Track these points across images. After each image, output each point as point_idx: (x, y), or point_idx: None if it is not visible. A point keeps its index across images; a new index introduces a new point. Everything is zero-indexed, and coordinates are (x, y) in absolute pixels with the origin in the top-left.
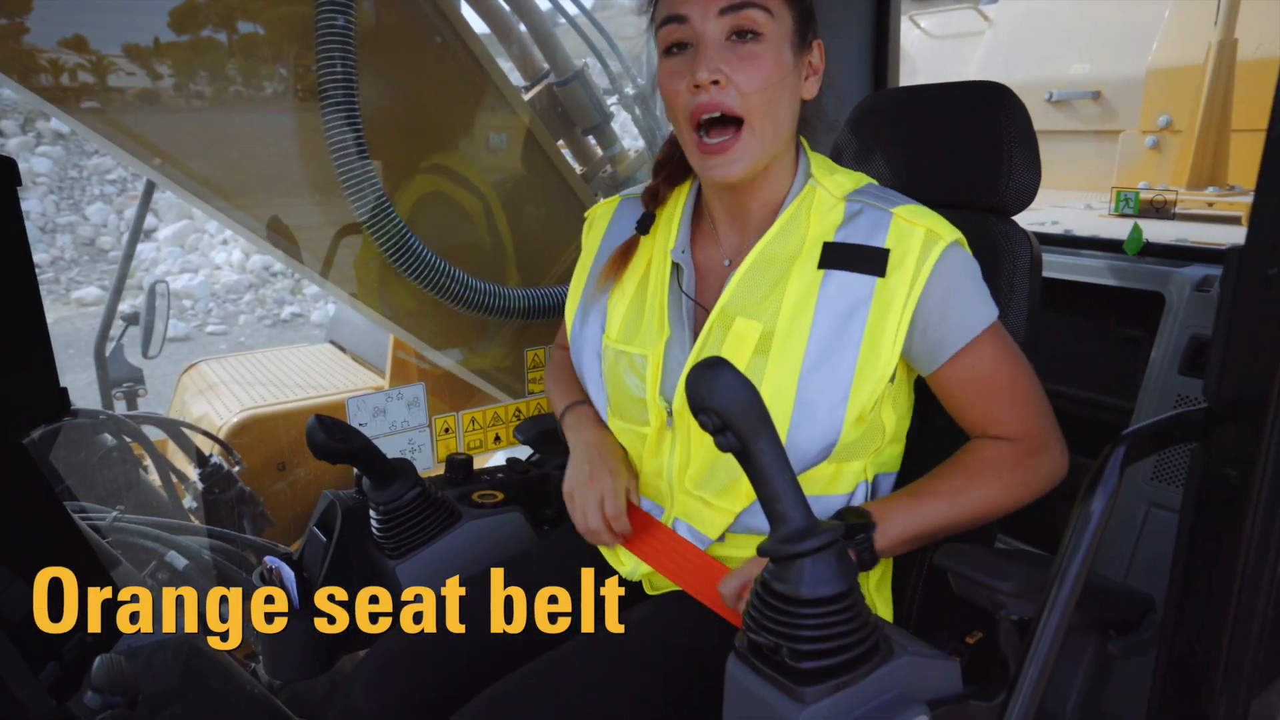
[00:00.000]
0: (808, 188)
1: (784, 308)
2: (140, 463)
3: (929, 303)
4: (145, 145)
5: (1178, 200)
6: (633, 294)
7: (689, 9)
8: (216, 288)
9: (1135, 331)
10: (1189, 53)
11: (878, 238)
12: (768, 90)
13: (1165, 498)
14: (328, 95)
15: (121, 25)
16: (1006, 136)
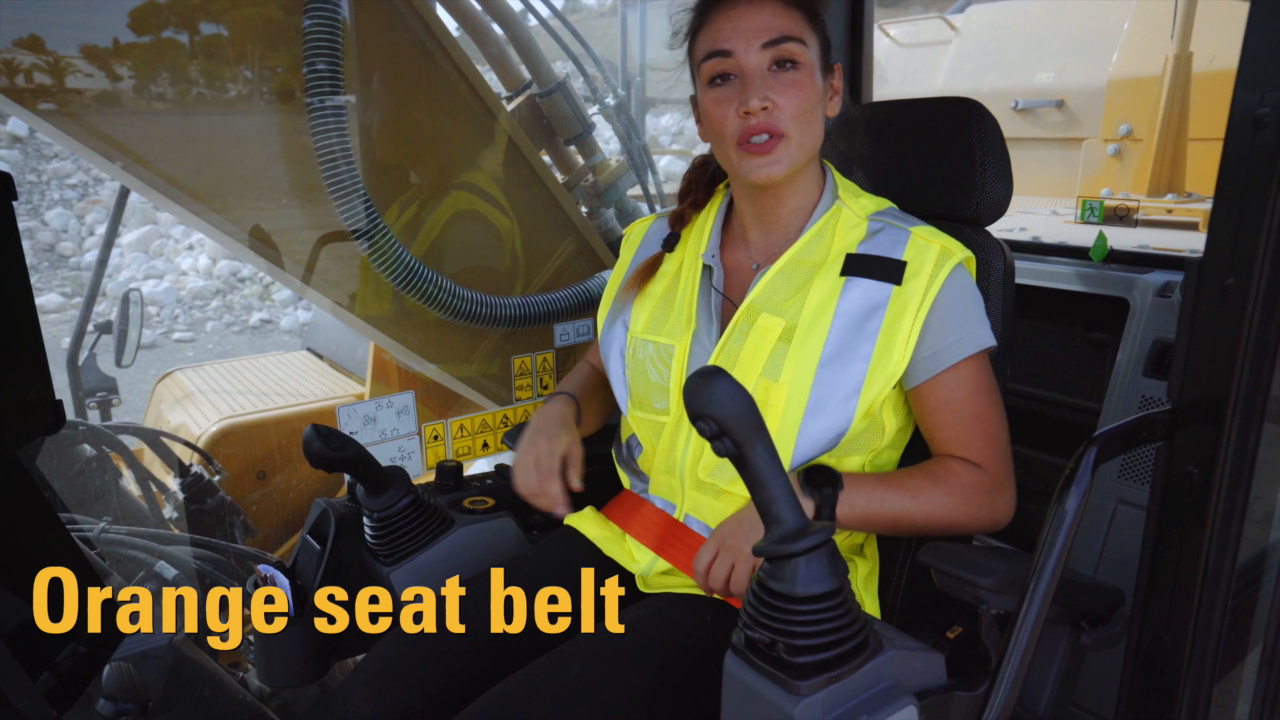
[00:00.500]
0: (835, 206)
1: (807, 307)
2: (119, 473)
3: (937, 313)
4: (115, 145)
5: (1139, 207)
6: (661, 294)
7: (734, 44)
8: (183, 294)
9: (1102, 335)
10: (1147, 64)
11: (897, 251)
12: (805, 109)
13: (1132, 495)
14: (315, 96)
15: (88, 25)
16: (979, 150)
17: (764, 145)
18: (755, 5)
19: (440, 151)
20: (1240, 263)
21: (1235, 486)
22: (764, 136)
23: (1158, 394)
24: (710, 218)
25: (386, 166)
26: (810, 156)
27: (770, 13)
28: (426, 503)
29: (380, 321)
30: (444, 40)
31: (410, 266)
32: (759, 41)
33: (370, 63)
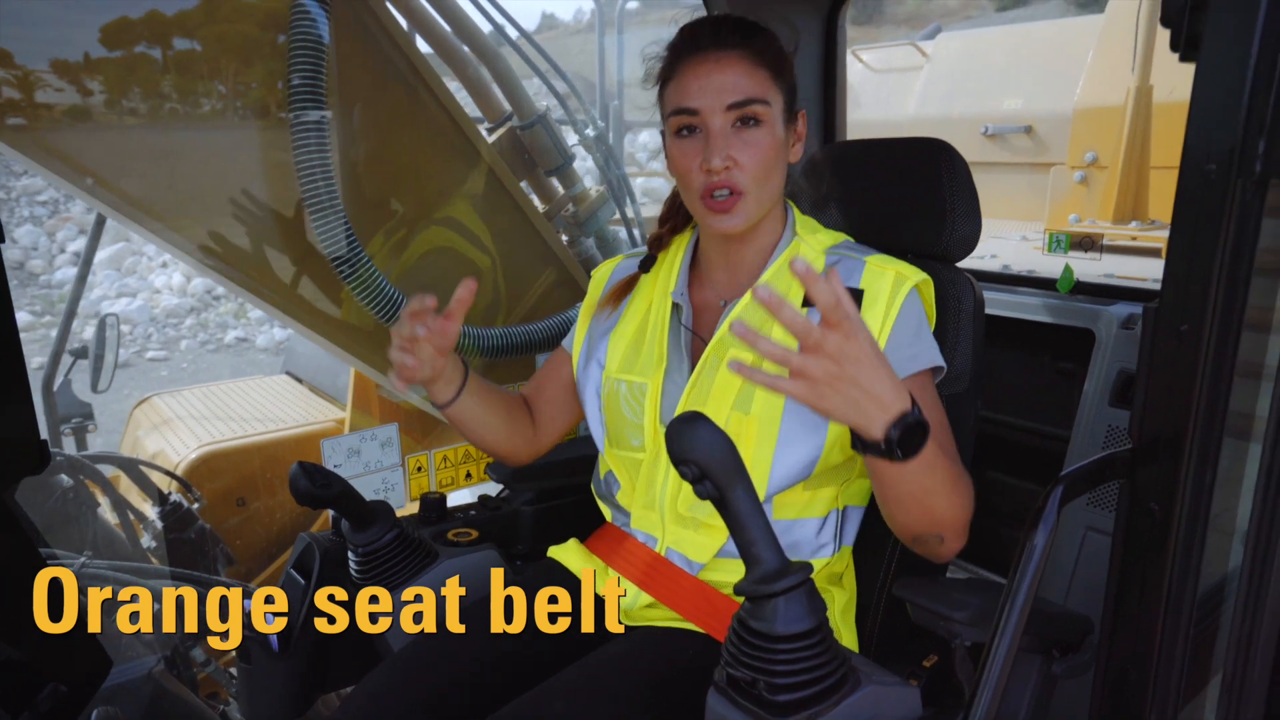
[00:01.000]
0: (794, 243)
1: (774, 340)
2: (96, 503)
3: (896, 334)
4: (75, 165)
5: (1104, 235)
6: (633, 332)
7: (700, 104)
8: (156, 312)
9: (1069, 365)
10: (1111, 94)
11: (853, 281)
12: (765, 167)
13: (1099, 522)
14: (296, 110)
15: (53, 40)
16: (948, 190)
17: (725, 202)
18: (723, 64)
19: (420, 183)
20: (1193, 310)
21: (1194, 521)
22: (725, 193)
23: (1124, 424)
24: (678, 256)
25: (365, 197)
26: (771, 207)
27: (738, 73)
28: (411, 536)
29: (360, 350)
30: (424, 72)
31: (389, 295)
32: (724, 103)
33: (349, 93)
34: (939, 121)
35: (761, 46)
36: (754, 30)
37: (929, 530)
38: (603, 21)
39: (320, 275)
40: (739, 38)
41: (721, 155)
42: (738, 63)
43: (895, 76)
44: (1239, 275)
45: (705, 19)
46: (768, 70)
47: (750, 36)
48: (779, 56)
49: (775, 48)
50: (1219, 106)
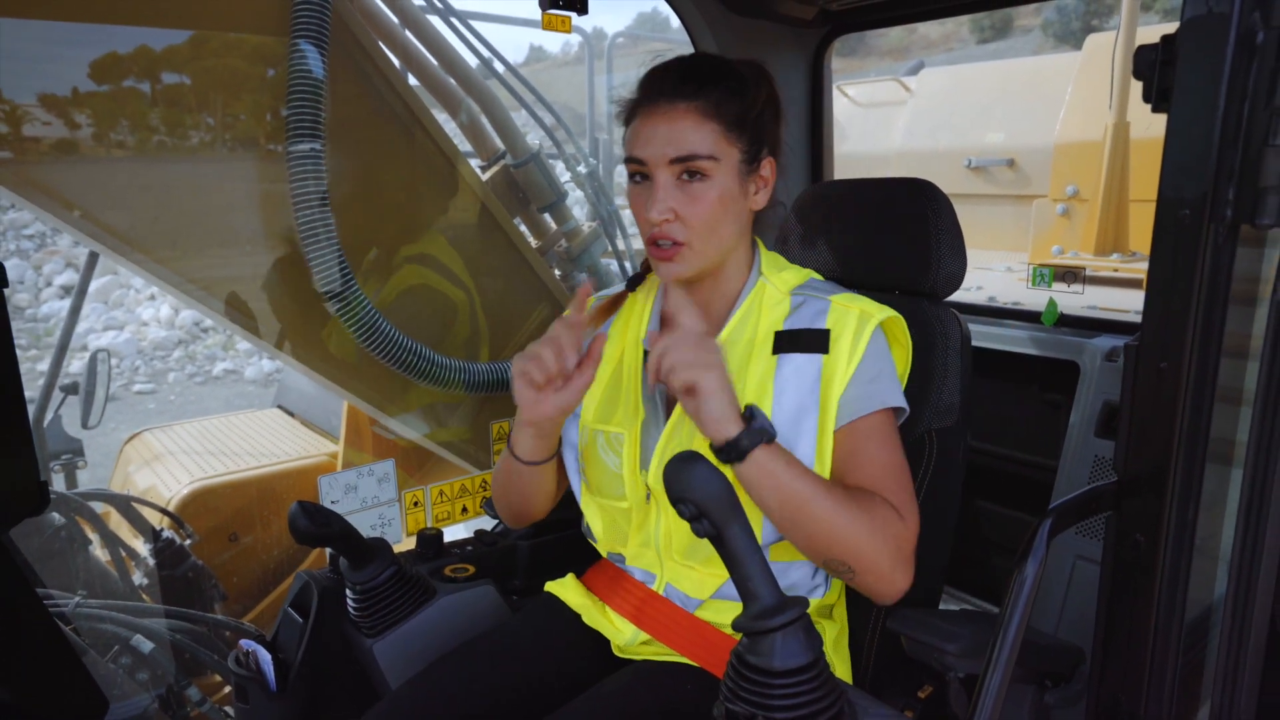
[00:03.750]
0: (759, 284)
1: (747, 389)
2: (89, 540)
3: (861, 372)
4: (60, 200)
5: (1087, 267)
6: (607, 381)
7: (647, 154)
8: (144, 345)
9: (1055, 396)
10: (1090, 129)
11: (820, 321)
12: (710, 220)
13: (1089, 550)
14: (294, 144)
15: (41, 74)
16: (934, 229)
17: (668, 250)
18: (672, 117)
19: (411, 219)
20: (1171, 348)
21: (1179, 551)
22: (667, 242)
23: (1109, 454)
24: (649, 302)
25: (356, 232)
26: (721, 256)
27: (687, 126)
28: (408, 573)
29: (349, 382)
30: (417, 111)
31: (387, 334)
32: (669, 155)
33: (342, 129)
34: (924, 155)
35: (719, 99)
36: (717, 78)
37: (828, 556)
38: (591, 55)
39: (308, 308)
40: (694, 88)
41: (662, 208)
42: (686, 116)
43: (880, 111)
44: (1215, 315)
45: (671, 64)
46: (720, 124)
47: (707, 86)
48: (738, 108)
49: (737, 99)
50: (1190, 156)
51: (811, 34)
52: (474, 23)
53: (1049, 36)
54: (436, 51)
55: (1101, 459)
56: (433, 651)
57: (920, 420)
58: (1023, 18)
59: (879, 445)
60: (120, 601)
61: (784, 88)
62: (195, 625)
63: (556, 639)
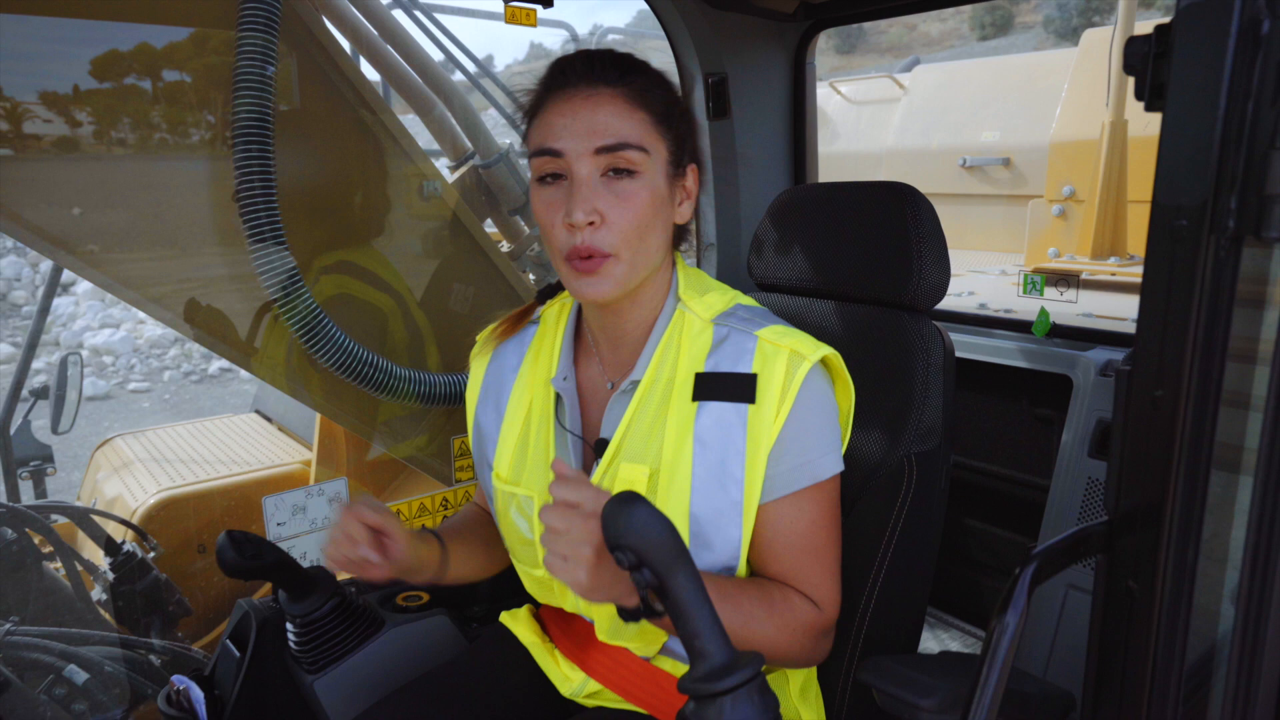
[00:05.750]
0: (678, 313)
1: (666, 445)
2: (42, 555)
3: (790, 428)
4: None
5: (1082, 271)
6: (519, 431)
7: (564, 144)
8: (139, 343)
9: (1047, 411)
10: (1086, 128)
11: (744, 363)
12: (641, 225)
13: (1081, 579)
14: (242, 148)
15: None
16: (915, 236)
17: (591, 263)
18: (595, 101)
19: (358, 223)
20: (1168, 374)
21: (1177, 598)
22: (590, 254)
23: (1103, 475)
24: (559, 332)
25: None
26: (650, 271)
27: (610, 112)
28: (354, 603)
29: (308, 390)
30: (376, 107)
31: (337, 341)
32: (592, 145)
33: (296, 129)
34: (917, 153)
35: (644, 86)
36: (636, 67)
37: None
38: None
39: (260, 314)
40: (617, 74)
41: (587, 208)
42: (612, 101)
43: (873, 108)
44: (1216, 337)
45: (583, 52)
46: (648, 113)
47: (629, 73)
48: (665, 100)
49: (661, 90)
50: (1188, 160)
51: (793, 28)
52: (449, 19)
53: (1050, 33)
54: (401, 47)
55: (1095, 481)
56: (379, 689)
57: (899, 445)
58: (1024, 15)
59: (805, 524)
60: (56, 629)
61: (765, 86)
62: (135, 652)
63: (510, 677)
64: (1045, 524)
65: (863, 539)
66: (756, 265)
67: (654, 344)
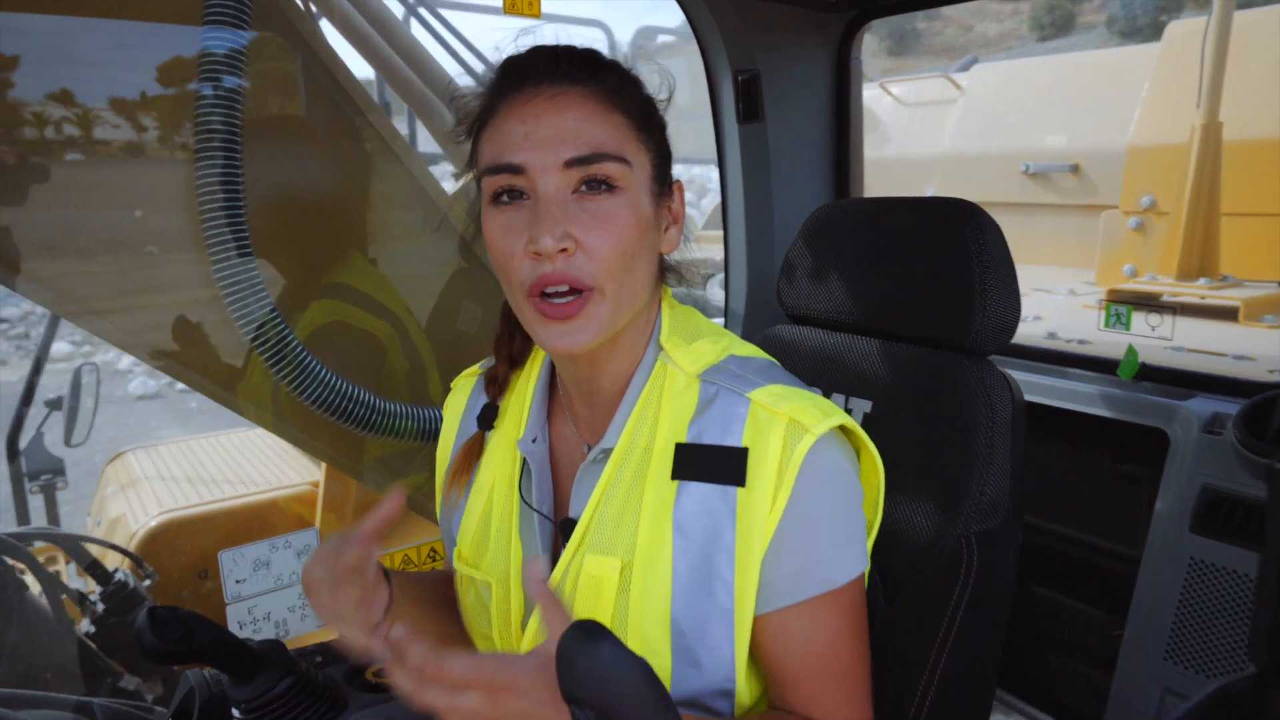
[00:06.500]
0: (659, 365)
1: (640, 532)
2: (24, 588)
3: (792, 519)
4: None
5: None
6: (485, 500)
7: (526, 157)
8: None
9: (1133, 468)
10: (1171, 131)
11: (733, 433)
12: (626, 251)
13: (1182, 683)
14: (204, 158)
15: None
16: (979, 265)
17: (566, 307)
18: (560, 103)
19: (338, 241)
20: None
21: None
22: (565, 289)
23: (1212, 557)
24: (530, 385)
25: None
26: (633, 314)
27: (581, 115)
28: (312, 682)
29: (299, 431)
30: (366, 110)
31: (318, 375)
32: (561, 157)
33: (263, 137)
34: (974, 159)
35: (618, 85)
36: (606, 64)
37: None
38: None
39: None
40: (586, 71)
41: (556, 232)
42: (582, 102)
43: (926, 110)
44: None
45: (539, 46)
46: (625, 117)
47: (601, 71)
48: (644, 102)
49: (637, 90)
50: None
51: (836, 20)
52: (455, 15)
53: (1114, 33)
54: (398, 44)
55: (1202, 564)
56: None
57: (955, 521)
58: (1087, 14)
59: (822, 641)
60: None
61: (805, 85)
62: (84, 715)
63: None
64: (1136, 607)
65: (913, 630)
66: (788, 293)
67: (630, 403)
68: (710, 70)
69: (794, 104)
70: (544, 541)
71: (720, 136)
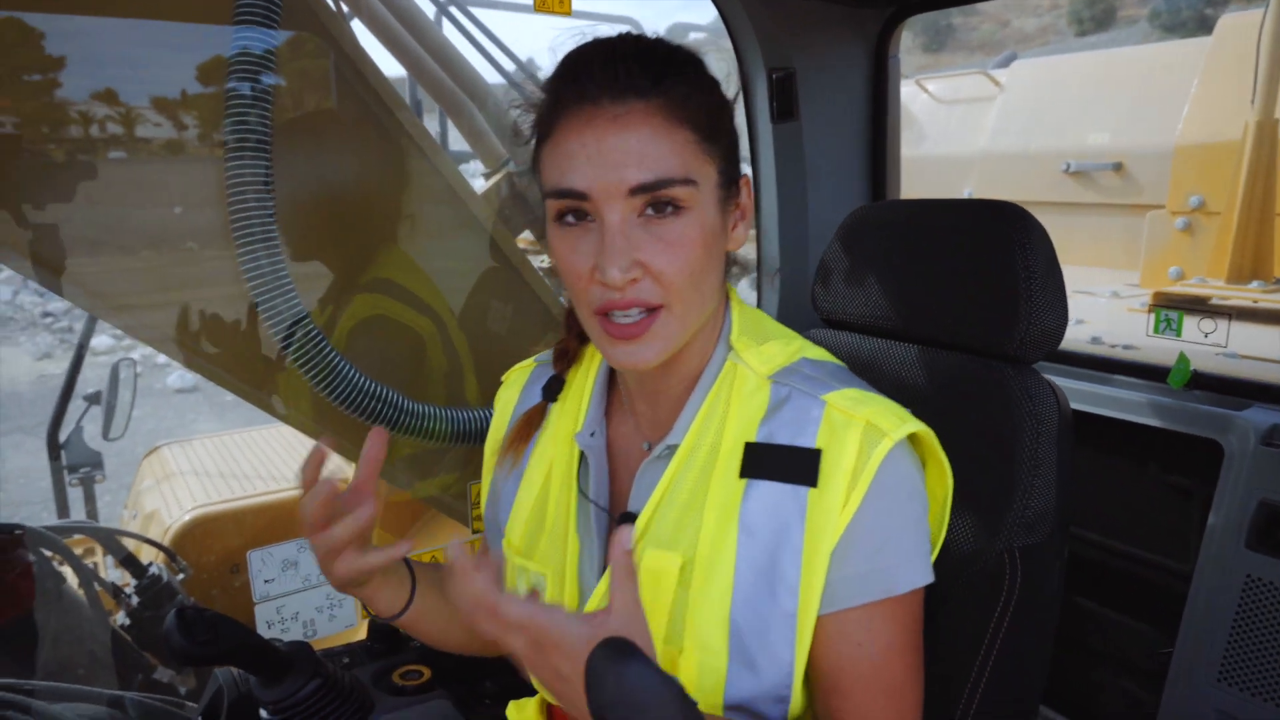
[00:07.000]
0: (728, 365)
1: (704, 530)
2: (62, 580)
3: (861, 522)
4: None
5: (1212, 296)
6: (537, 494)
7: (589, 185)
8: None
9: (1185, 480)
10: (1222, 128)
11: (806, 435)
12: (694, 272)
13: (1233, 704)
14: (235, 160)
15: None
16: (1025, 269)
17: (633, 326)
18: (626, 123)
19: (372, 238)
20: None
21: None
22: (634, 313)
23: (1268, 574)
24: (590, 378)
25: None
26: (703, 321)
27: (645, 136)
28: (341, 683)
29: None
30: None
31: (349, 377)
32: (625, 184)
33: (293, 133)
34: (1013, 157)
35: (684, 93)
36: (671, 66)
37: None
38: None
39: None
40: (649, 80)
41: (623, 263)
42: (646, 120)
43: (964, 108)
44: None
45: (599, 43)
46: (693, 130)
47: (664, 77)
48: (710, 105)
49: (704, 92)
50: None
51: (873, 16)
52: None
53: (1156, 28)
54: (428, 42)
55: (1259, 582)
56: None
57: (998, 535)
58: (1127, 8)
59: (877, 651)
60: (32, 682)
61: (841, 83)
62: (120, 711)
63: None
64: (1188, 623)
65: (954, 647)
66: (823, 297)
67: (697, 402)
68: (744, 68)
69: (829, 103)
70: (600, 536)
71: (754, 136)
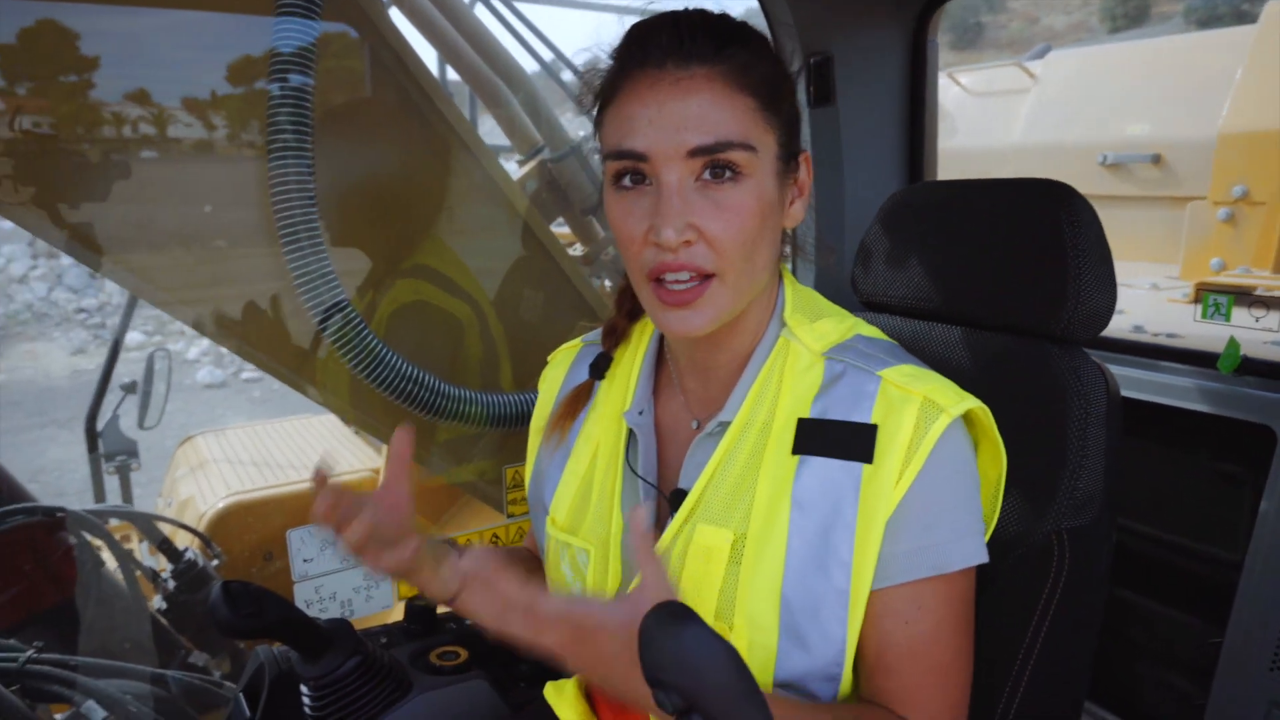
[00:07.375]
0: (781, 341)
1: (756, 506)
2: (101, 563)
3: (915, 497)
4: None
5: (1257, 286)
6: (584, 471)
7: (649, 146)
8: None
9: (1234, 467)
10: (1266, 116)
11: (862, 410)
12: (749, 240)
13: None
14: (279, 162)
15: None
16: (1073, 247)
17: (685, 293)
18: (688, 87)
19: (410, 224)
20: None
21: None
22: (685, 277)
23: None
24: (639, 356)
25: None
26: (756, 294)
27: (706, 101)
28: (379, 662)
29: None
30: (434, 95)
31: (386, 360)
32: (684, 146)
33: (333, 119)
34: (1048, 149)
35: (746, 61)
36: (735, 35)
37: None
38: None
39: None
40: (713, 47)
41: (678, 224)
42: (708, 85)
43: (997, 100)
44: None
45: (666, 14)
46: (754, 97)
47: (728, 45)
48: (772, 76)
49: (767, 62)
50: None
51: (910, 1)
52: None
53: (1191, 23)
54: (463, 27)
55: None
56: None
57: (1045, 517)
58: (1161, 3)
59: (927, 629)
60: (79, 659)
61: (879, 68)
62: (162, 688)
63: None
64: (1238, 614)
65: (999, 632)
66: (863, 280)
67: (750, 378)
68: (781, 53)
69: (867, 88)
70: (647, 513)
71: None
